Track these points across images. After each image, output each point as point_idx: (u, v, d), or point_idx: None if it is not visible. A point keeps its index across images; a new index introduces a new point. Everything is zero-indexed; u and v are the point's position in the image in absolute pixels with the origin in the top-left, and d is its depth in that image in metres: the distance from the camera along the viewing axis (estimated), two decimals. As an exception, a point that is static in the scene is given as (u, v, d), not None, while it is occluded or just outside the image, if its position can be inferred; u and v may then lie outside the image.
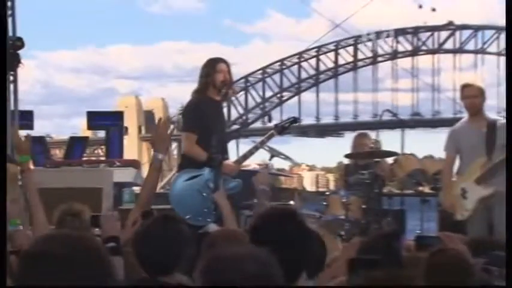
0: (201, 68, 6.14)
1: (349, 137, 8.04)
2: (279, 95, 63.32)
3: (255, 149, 6.17)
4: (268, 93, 63.08)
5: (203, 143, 5.90)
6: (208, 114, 5.96)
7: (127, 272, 3.56)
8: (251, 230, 2.99)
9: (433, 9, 63.88)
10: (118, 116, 13.69)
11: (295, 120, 6.55)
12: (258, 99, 62.76)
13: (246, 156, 6.17)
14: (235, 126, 56.83)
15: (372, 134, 7.85)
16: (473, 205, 6.32)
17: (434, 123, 61.87)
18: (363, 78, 63.91)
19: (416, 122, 60.60)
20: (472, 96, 6.40)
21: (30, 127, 11.85)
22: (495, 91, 53.70)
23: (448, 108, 61.12)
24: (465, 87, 6.48)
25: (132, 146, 57.04)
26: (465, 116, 6.68)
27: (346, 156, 7.70)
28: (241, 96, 61.57)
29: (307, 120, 61.81)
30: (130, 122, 63.39)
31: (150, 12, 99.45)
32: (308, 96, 63.52)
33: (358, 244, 3.41)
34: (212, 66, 6.04)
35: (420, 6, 64.54)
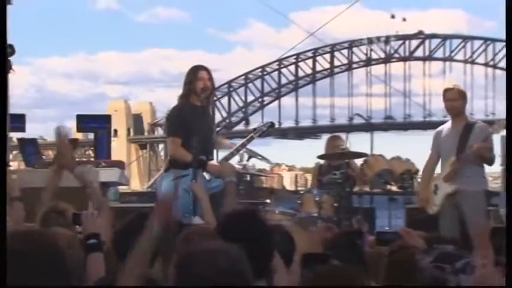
0: (185, 75, 6.18)
1: (326, 139, 8.02)
2: (260, 100, 63.35)
3: (236, 151, 6.19)
4: (250, 98, 63.16)
5: (187, 146, 5.92)
6: (190, 119, 5.98)
7: (108, 267, 3.54)
8: (218, 228, 2.99)
9: (404, 19, 64.35)
10: (106, 119, 13.57)
11: (272, 124, 6.61)
12: (241, 104, 62.77)
13: (227, 157, 6.17)
14: (218, 129, 56.78)
15: (348, 136, 7.85)
16: (440, 201, 6.37)
17: (406, 126, 62.17)
18: (339, 83, 64.22)
19: (389, 125, 60.89)
20: (452, 99, 6.40)
21: (22, 130, 11.76)
22: (462, 96, 53.62)
23: (419, 112, 61.51)
24: (446, 90, 6.47)
25: (121, 147, 56.80)
26: (434, 119, 6.76)
27: (319, 157, 7.71)
28: (224, 100, 61.64)
29: (287, 123, 62.03)
30: (120, 124, 63.08)
31: (138, 21, 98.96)
32: (288, 101, 63.71)
33: (316, 234, 3.41)
34: (194, 73, 6.07)
35: (392, 16, 65.00)
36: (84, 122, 13.04)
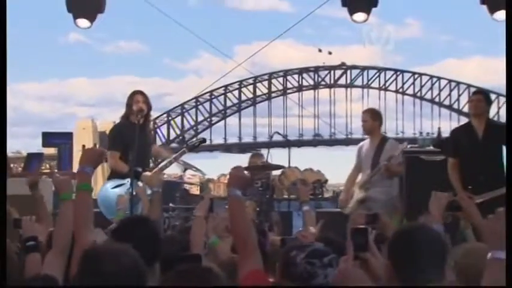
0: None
1: (264, 153, 8.00)
2: (208, 119, 63.17)
3: (170, 163, 6.12)
4: (200, 118, 62.86)
5: (125, 159, 5.87)
6: (128, 136, 5.87)
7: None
8: (112, 233, 2.95)
9: (330, 53, 65.04)
10: (68, 136, 13.32)
11: (204, 140, 6.59)
12: (192, 123, 62.43)
13: (162, 168, 6.10)
14: (173, 145, 56.36)
15: (269, 151, 7.86)
16: (352, 204, 6.53)
17: (331, 142, 62.87)
18: (275, 106, 64.47)
19: (318, 141, 61.59)
20: (364, 120, 6.63)
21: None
22: (377, 117, 54.33)
23: (342, 131, 62.17)
24: (362, 113, 6.72)
25: (88, 160, 55.82)
26: (355, 136, 6.93)
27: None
28: (178, 119, 61.35)
29: (231, 140, 61.91)
30: (87, 141, 61.70)
31: (104, 52, 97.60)
32: (232, 120, 63.62)
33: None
34: (131, 97, 6.05)
35: (320, 50, 65.68)
36: (48, 138, 12.78)
